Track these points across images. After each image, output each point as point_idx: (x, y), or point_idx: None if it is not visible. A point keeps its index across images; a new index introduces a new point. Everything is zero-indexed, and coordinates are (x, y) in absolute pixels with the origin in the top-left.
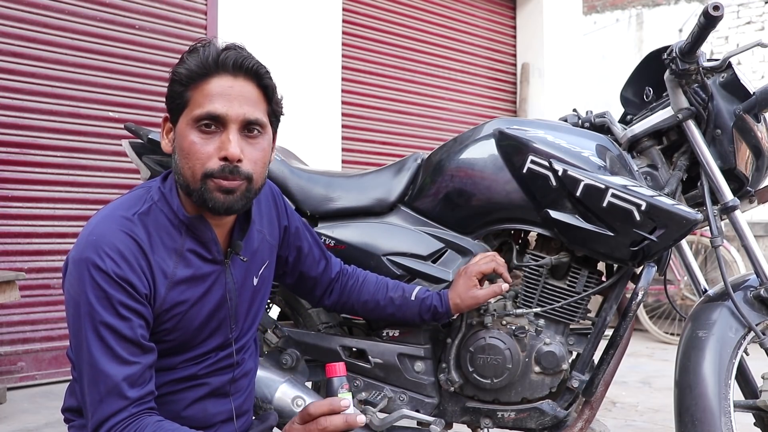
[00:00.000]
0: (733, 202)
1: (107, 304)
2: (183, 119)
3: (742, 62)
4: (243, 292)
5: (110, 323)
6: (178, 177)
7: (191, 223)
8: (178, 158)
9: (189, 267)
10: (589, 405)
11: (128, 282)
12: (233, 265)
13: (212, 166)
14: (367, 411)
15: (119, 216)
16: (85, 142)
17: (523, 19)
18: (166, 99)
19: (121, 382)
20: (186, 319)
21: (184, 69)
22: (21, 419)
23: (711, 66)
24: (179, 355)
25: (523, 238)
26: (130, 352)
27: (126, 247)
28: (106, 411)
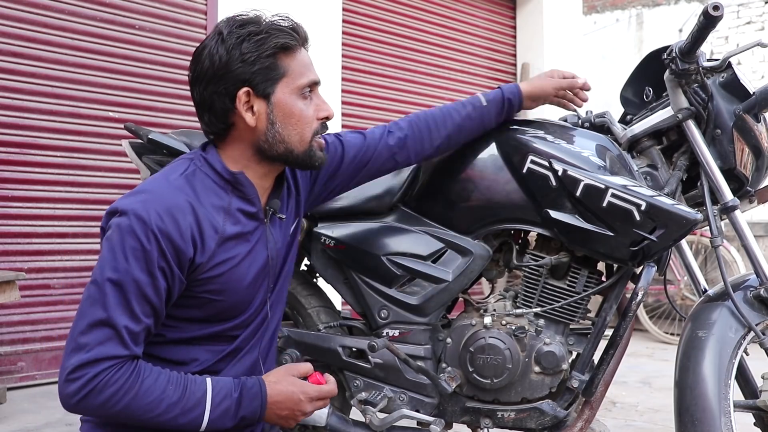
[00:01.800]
0: (733, 202)
1: (141, 257)
2: (282, 89)
3: (742, 62)
4: (280, 250)
5: (138, 278)
6: (274, 146)
7: (236, 179)
8: (282, 126)
9: (237, 224)
10: (589, 405)
11: (168, 237)
12: (272, 225)
13: (316, 127)
14: (367, 411)
15: (167, 177)
16: (85, 142)
17: (523, 19)
18: (252, 72)
19: (125, 332)
20: (235, 278)
21: (276, 40)
22: (21, 419)
23: (711, 66)
24: (230, 320)
25: (523, 238)
26: (143, 310)
27: (173, 203)
28: (106, 352)
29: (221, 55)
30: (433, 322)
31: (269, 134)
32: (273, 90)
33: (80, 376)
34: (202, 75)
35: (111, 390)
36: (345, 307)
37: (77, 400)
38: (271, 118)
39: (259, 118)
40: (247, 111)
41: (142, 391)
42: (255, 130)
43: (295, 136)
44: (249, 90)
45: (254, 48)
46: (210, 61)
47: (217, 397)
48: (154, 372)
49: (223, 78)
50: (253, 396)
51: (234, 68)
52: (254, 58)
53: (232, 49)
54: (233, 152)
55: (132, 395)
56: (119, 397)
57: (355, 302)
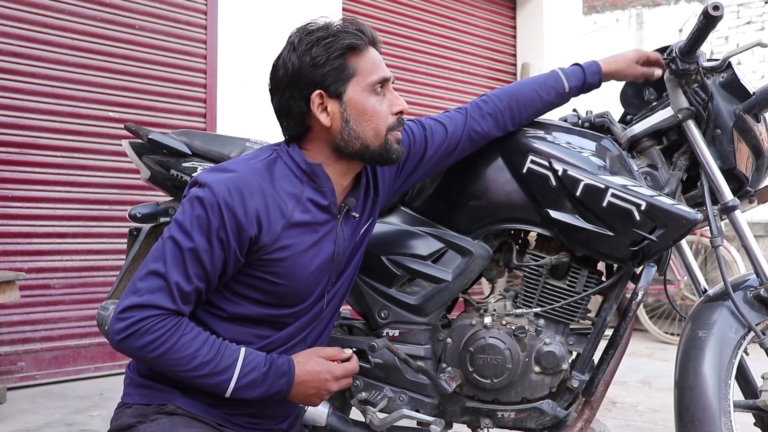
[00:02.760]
0: (733, 202)
1: (204, 224)
2: (354, 87)
3: (742, 62)
4: (347, 248)
5: (197, 243)
6: (350, 143)
7: (312, 170)
8: (356, 123)
9: (306, 213)
10: (589, 405)
11: (232, 212)
12: (345, 222)
13: (391, 122)
14: (367, 411)
15: (248, 160)
16: (85, 142)
17: (523, 19)
18: (323, 75)
19: (175, 288)
20: (298, 265)
21: (344, 41)
22: (21, 419)
23: (711, 66)
24: (289, 307)
25: (523, 238)
26: (197, 273)
27: (245, 183)
28: (155, 300)
29: (293, 63)
30: (433, 322)
31: (344, 132)
32: (344, 89)
33: (128, 317)
34: (278, 83)
35: (150, 337)
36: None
37: (120, 339)
38: (345, 116)
39: (333, 117)
40: (321, 112)
41: (179, 345)
42: (330, 129)
43: (370, 131)
44: (321, 92)
45: (323, 51)
46: (284, 69)
47: (246, 367)
48: (195, 331)
49: (296, 83)
50: (281, 373)
51: (306, 73)
52: (324, 61)
53: (303, 55)
54: (312, 153)
55: (168, 346)
56: (156, 345)
57: (355, 302)
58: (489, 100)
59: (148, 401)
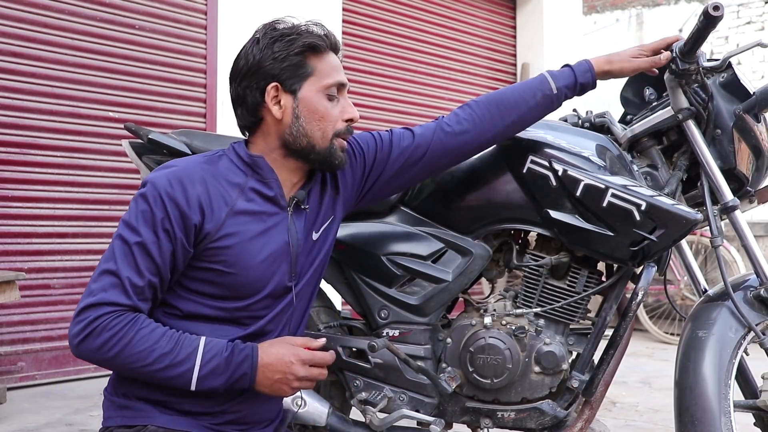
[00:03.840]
0: (733, 202)
1: (148, 217)
2: (309, 86)
3: (742, 62)
4: (304, 243)
5: (143, 236)
6: (297, 139)
7: (255, 162)
8: (306, 121)
9: (250, 202)
10: (589, 405)
11: (174, 202)
12: (296, 215)
13: (340, 127)
14: (367, 411)
15: (194, 158)
16: (85, 142)
17: (523, 19)
18: (281, 69)
19: (128, 283)
20: (245, 253)
21: (305, 40)
22: (21, 419)
23: (711, 66)
24: (242, 299)
25: (523, 238)
26: (147, 267)
27: (186, 174)
28: (108, 297)
29: (254, 54)
30: (433, 322)
31: (294, 127)
32: (300, 86)
33: (83, 318)
34: (237, 72)
35: (108, 334)
36: (345, 307)
37: (78, 341)
38: (296, 112)
39: (285, 111)
40: (274, 104)
41: (136, 340)
42: (281, 123)
43: (317, 131)
44: (277, 85)
45: (285, 47)
46: (245, 60)
47: (207, 354)
48: (152, 325)
49: (255, 74)
50: (244, 357)
51: (265, 65)
52: (284, 56)
53: (265, 49)
54: (260, 144)
55: (126, 342)
56: (114, 342)
57: (355, 302)
58: (467, 106)
59: (129, 422)
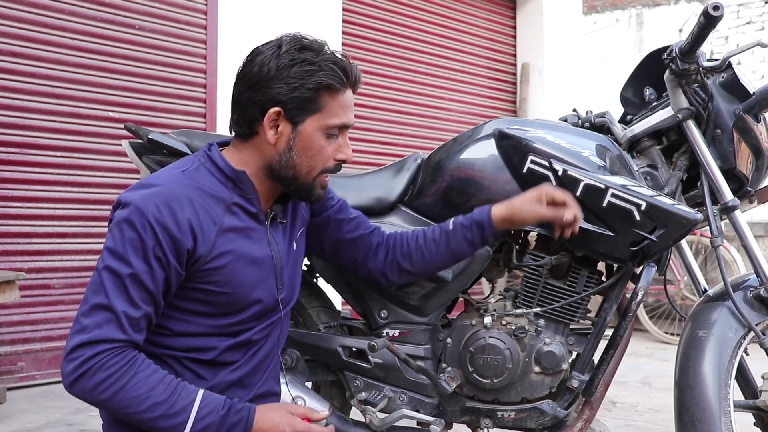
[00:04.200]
0: (733, 202)
1: (138, 246)
2: (312, 122)
3: (742, 62)
4: (286, 255)
5: (135, 267)
6: (284, 169)
7: (238, 177)
8: (297, 154)
9: (236, 218)
10: (589, 405)
11: (165, 228)
12: (274, 229)
13: (329, 165)
14: (367, 411)
15: (171, 172)
16: (85, 142)
17: (523, 19)
18: (290, 98)
19: (123, 317)
20: (237, 271)
21: (324, 77)
22: (21, 419)
23: (711, 66)
24: (236, 314)
25: (523, 238)
26: (141, 297)
27: (172, 196)
28: (104, 334)
29: (270, 68)
30: (433, 322)
31: (284, 157)
32: (303, 120)
33: (78, 356)
34: (246, 77)
35: (103, 375)
36: (345, 307)
37: (72, 380)
38: (291, 143)
39: (280, 138)
40: (271, 128)
41: (132, 384)
42: (273, 147)
43: (305, 167)
44: (280, 111)
45: (302, 76)
46: (259, 68)
47: (203, 409)
48: (150, 368)
49: (261, 90)
50: (239, 419)
51: (275, 86)
52: (297, 85)
53: (282, 68)
54: (247, 157)
55: (121, 384)
56: (109, 383)
57: (355, 302)
58: (391, 235)
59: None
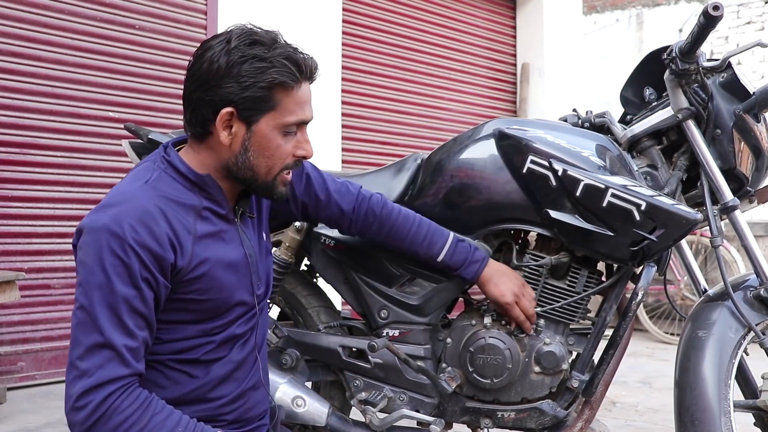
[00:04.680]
0: (733, 202)
1: (123, 272)
2: (267, 121)
3: (742, 62)
4: (259, 249)
5: (124, 294)
6: (241, 170)
7: (203, 181)
8: (254, 155)
9: (208, 223)
10: (589, 405)
11: (146, 248)
12: (244, 225)
13: (289, 162)
14: (367, 411)
15: (132, 185)
16: (85, 142)
17: (523, 19)
18: (242, 98)
19: (125, 351)
20: (217, 276)
21: (276, 75)
22: (21, 419)
23: (711, 66)
24: (214, 320)
25: (523, 238)
26: (137, 324)
27: (144, 212)
28: (108, 374)
29: (219, 66)
30: (433, 322)
31: (240, 158)
32: (257, 119)
33: (87, 403)
34: (195, 75)
35: (119, 418)
36: (345, 307)
37: (86, 429)
38: (246, 144)
39: (234, 139)
40: (224, 129)
41: (149, 427)
42: (228, 148)
43: (264, 167)
44: (233, 111)
45: (252, 73)
46: (208, 65)
47: None
48: (165, 410)
49: (212, 89)
50: None
51: (226, 85)
52: (248, 84)
53: (232, 66)
54: (204, 159)
55: (139, 428)
56: (125, 427)
57: (355, 302)
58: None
59: None
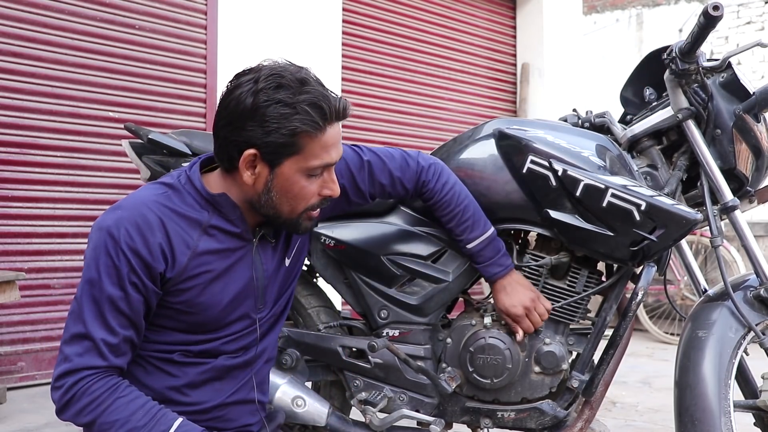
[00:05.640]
0: (733, 202)
1: (113, 273)
2: (291, 164)
3: (742, 62)
4: (274, 273)
5: (110, 294)
6: (264, 208)
7: (216, 200)
8: (277, 196)
9: (213, 241)
10: (589, 405)
11: (137, 254)
12: (262, 247)
13: (313, 202)
14: (367, 411)
15: (145, 193)
16: (85, 142)
17: (523, 19)
18: (263, 142)
19: (102, 345)
20: (210, 293)
21: (299, 123)
22: (21, 419)
23: (711, 66)
24: (199, 334)
25: (523, 238)
26: (120, 323)
27: (144, 220)
28: (84, 362)
29: (245, 106)
30: (433, 322)
31: (263, 198)
32: (280, 162)
33: (62, 384)
34: (224, 111)
35: (86, 399)
36: (345, 307)
37: (60, 407)
38: (269, 186)
39: (257, 179)
40: (248, 169)
41: (112, 408)
42: (251, 187)
43: (287, 207)
44: (256, 153)
45: (277, 120)
46: (235, 104)
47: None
48: (132, 394)
49: (237, 130)
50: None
51: (250, 128)
52: (271, 129)
53: (257, 107)
54: (229, 188)
55: (102, 409)
56: (91, 408)
57: (355, 302)
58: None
59: None
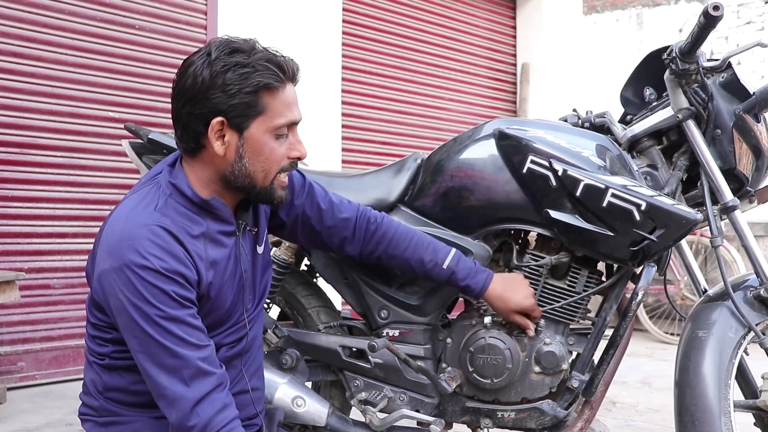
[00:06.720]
0: (733, 202)
1: (166, 298)
2: (258, 126)
3: (742, 62)
4: (254, 261)
5: (175, 315)
6: (239, 178)
7: (209, 205)
8: (249, 161)
9: (218, 246)
10: (589, 405)
11: (177, 272)
12: (243, 237)
13: (284, 164)
14: (367, 411)
15: (141, 215)
16: (85, 142)
17: (523, 19)
18: (230, 105)
19: (201, 364)
20: (222, 296)
21: (260, 78)
22: (21, 419)
23: (711, 66)
24: (212, 330)
25: (523, 238)
26: (198, 337)
27: (162, 240)
28: (197, 393)
29: (204, 78)
30: (433, 322)
31: (236, 166)
32: (247, 125)
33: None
34: (181, 92)
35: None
36: (345, 307)
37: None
38: (240, 152)
39: (228, 148)
40: (217, 139)
41: None
42: (223, 159)
43: (260, 172)
44: (223, 120)
45: (237, 81)
46: (193, 80)
47: None
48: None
49: (200, 102)
50: None
51: (213, 96)
52: (234, 91)
53: (216, 76)
54: (202, 174)
55: None
56: None
57: (355, 302)
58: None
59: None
